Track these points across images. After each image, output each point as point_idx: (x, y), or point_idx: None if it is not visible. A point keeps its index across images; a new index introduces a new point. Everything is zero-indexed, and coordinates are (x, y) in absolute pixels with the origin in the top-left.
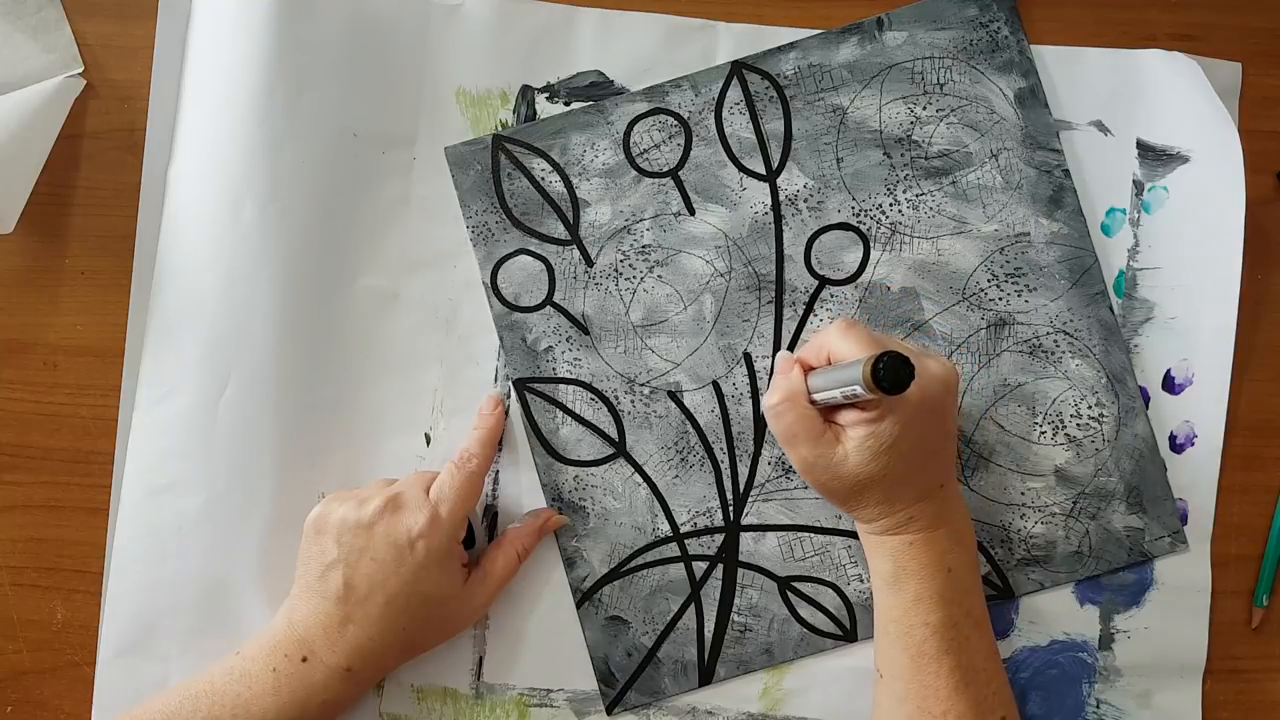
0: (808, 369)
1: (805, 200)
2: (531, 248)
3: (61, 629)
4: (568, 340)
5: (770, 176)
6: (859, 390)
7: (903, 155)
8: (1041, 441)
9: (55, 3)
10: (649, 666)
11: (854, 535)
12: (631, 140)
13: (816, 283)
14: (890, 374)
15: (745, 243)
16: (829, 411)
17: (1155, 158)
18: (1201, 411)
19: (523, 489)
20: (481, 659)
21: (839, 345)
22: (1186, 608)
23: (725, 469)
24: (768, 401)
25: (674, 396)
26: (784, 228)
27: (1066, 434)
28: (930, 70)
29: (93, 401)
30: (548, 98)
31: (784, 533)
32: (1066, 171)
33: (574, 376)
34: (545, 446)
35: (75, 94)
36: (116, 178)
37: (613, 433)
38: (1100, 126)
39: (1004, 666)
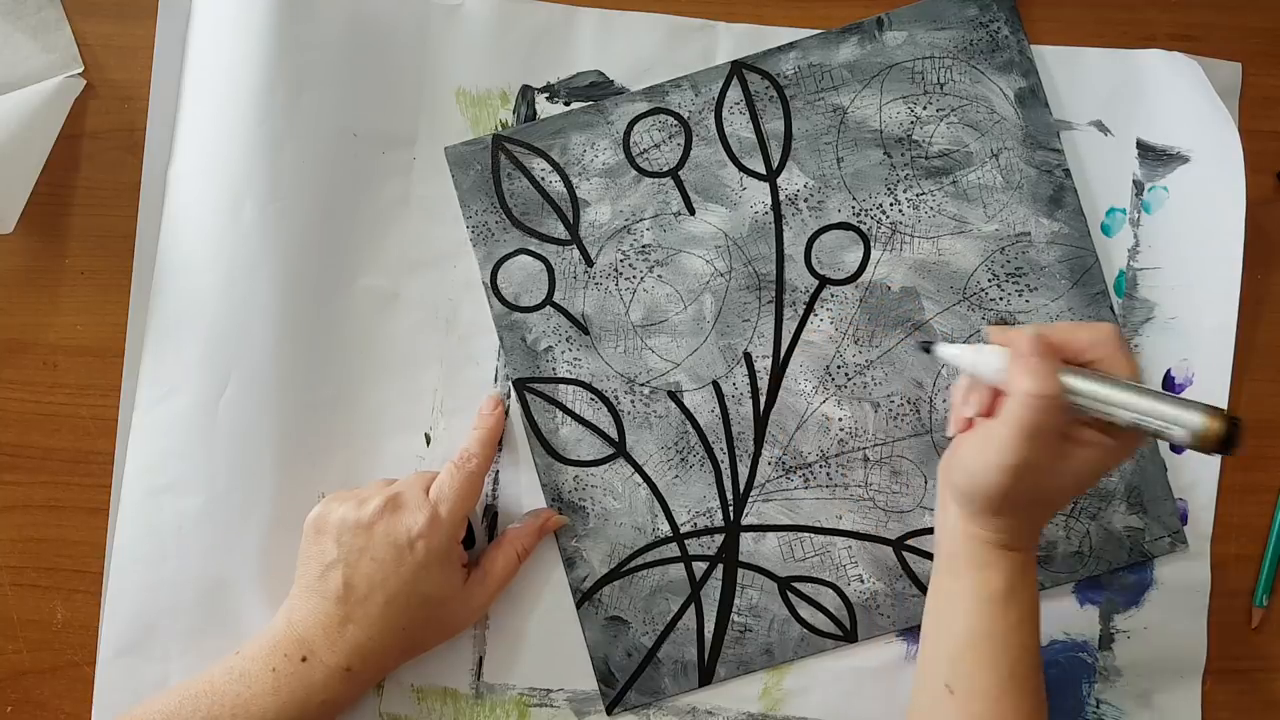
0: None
1: (805, 200)
2: (531, 248)
3: (61, 629)
4: (568, 340)
5: (770, 176)
6: (1164, 430)
7: (903, 155)
8: None
9: (55, 3)
10: (649, 666)
11: (854, 536)
12: (631, 140)
13: (817, 282)
14: (1234, 440)
15: (745, 242)
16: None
17: (1155, 158)
18: None
19: (523, 489)
20: (481, 659)
21: (1118, 365)
22: (1186, 608)
23: (725, 469)
24: (1035, 384)
25: (674, 396)
26: (784, 227)
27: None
28: (930, 70)
29: (93, 401)
30: (548, 98)
31: (784, 533)
32: (1067, 171)
33: (574, 376)
34: (545, 446)
35: (75, 94)
36: (116, 178)
37: (613, 433)
38: (1100, 126)
39: None
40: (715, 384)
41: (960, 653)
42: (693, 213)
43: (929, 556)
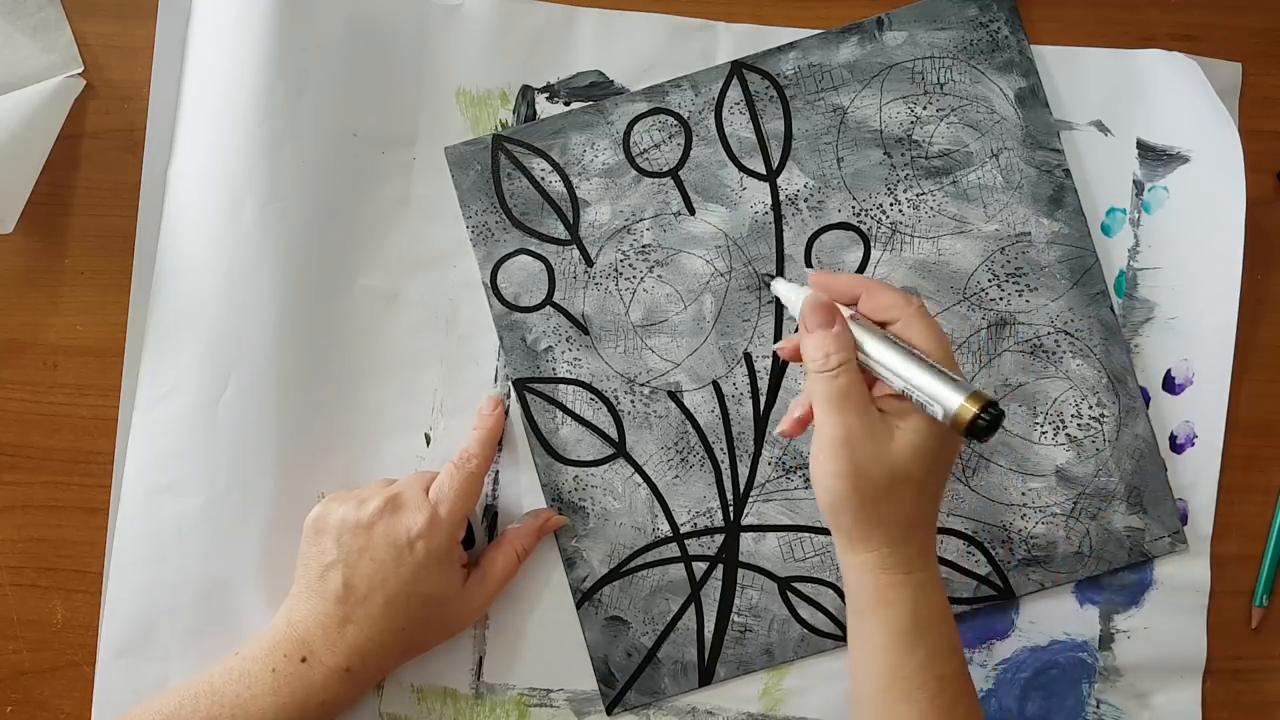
0: (841, 314)
1: (805, 200)
2: (531, 248)
3: (61, 629)
4: (567, 340)
5: (770, 176)
6: (927, 404)
7: (903, 155)
8: (1042, 442)
9: (55, 3)
10: (649, 666)
11: None
12: (631, 140)
13: None
14: (992, 427)
15: (745, 242)
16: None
17: (1155, 158)
18: (1201, 411)
19: (523, 489)
20: (481, 659)
21: (910, 331)
22: (1186, 608)
23: (725, 469)
24: (820, 353)
25: (674, 396)
26: (784, 227)
27: (1067, 434)
28: (930, 70)
29: (93, 401)
30: (548, 98)
31: (784, 533)
32: (1067, 171)
33: (574, 376)
34: (545, 446)
35: (75, 94)
36: (116, 178)
37: (613, 433)
38: (1100, 126)
39: None
40: (715, 384)
41: (879, 694)
42: (693, 213)
43: None
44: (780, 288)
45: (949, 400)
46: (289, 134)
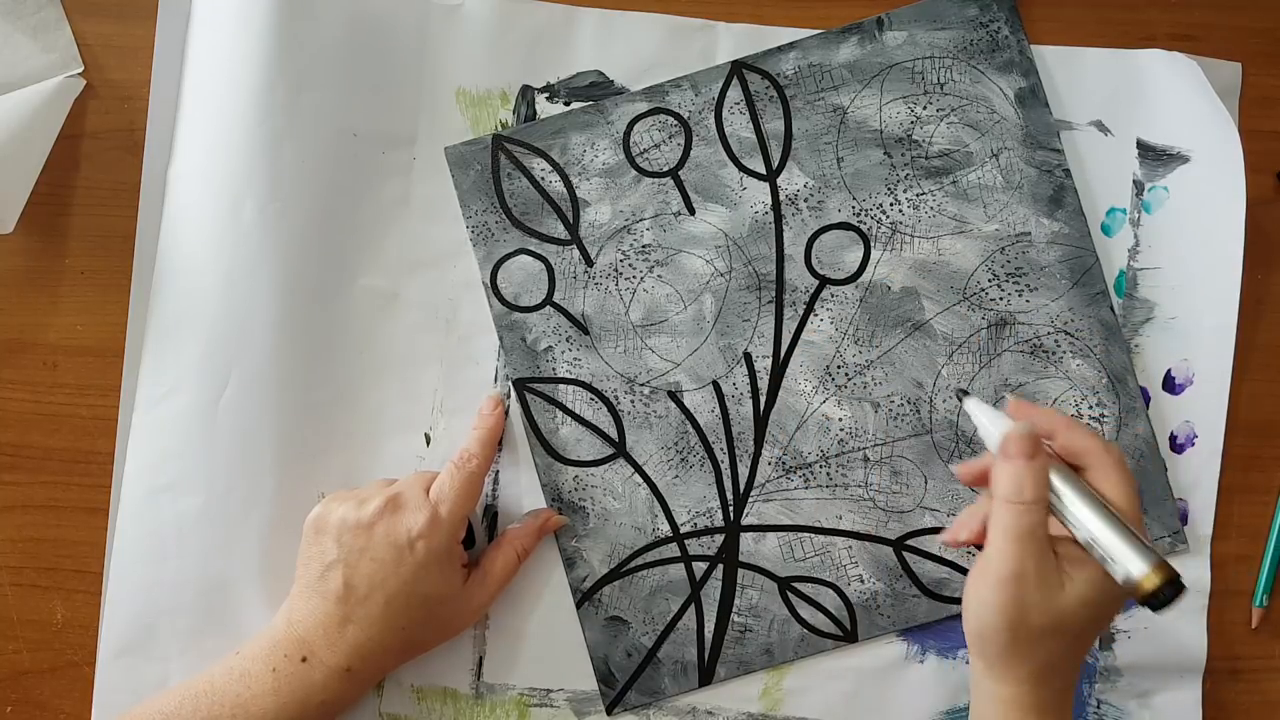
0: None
1: (805, 200)
2: (531, 248)
3: (61, 629)
4: (568, 340)
5: (770, 176)
6: (1108, 562)
7: (903, 155)
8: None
9: (55, 3)
10: (649, 666)
11: (854, 536)
12: (631, 140)
13: (817, 282)
14: (1167, 602)
15: (745, 242)
16: None
17: (1155, 158)
18: (1201, 411)
19: (523, 489)
20: (481, 659)
21: (1104, 482)
22: (1186, 608)
23: (725, 469)
24: (1015, 484)
25: (674, 396)
26: (784, 227)
27: None
28: (930, 70)
29: (93, 401)
30: (548, 98)
31: (784, 533)
32: (1067, 171)
33: (574, 376)
34: (545, 446)
35: (75, 94)
36: (116, 178)
37: (613, 433)
38: (1100, 126)
39: None
40: (715, 384)
41: None
42: (693, 213)
43: (929, 557)
44: (974, 409)
45: (1133, 566)
46: (289, 134)
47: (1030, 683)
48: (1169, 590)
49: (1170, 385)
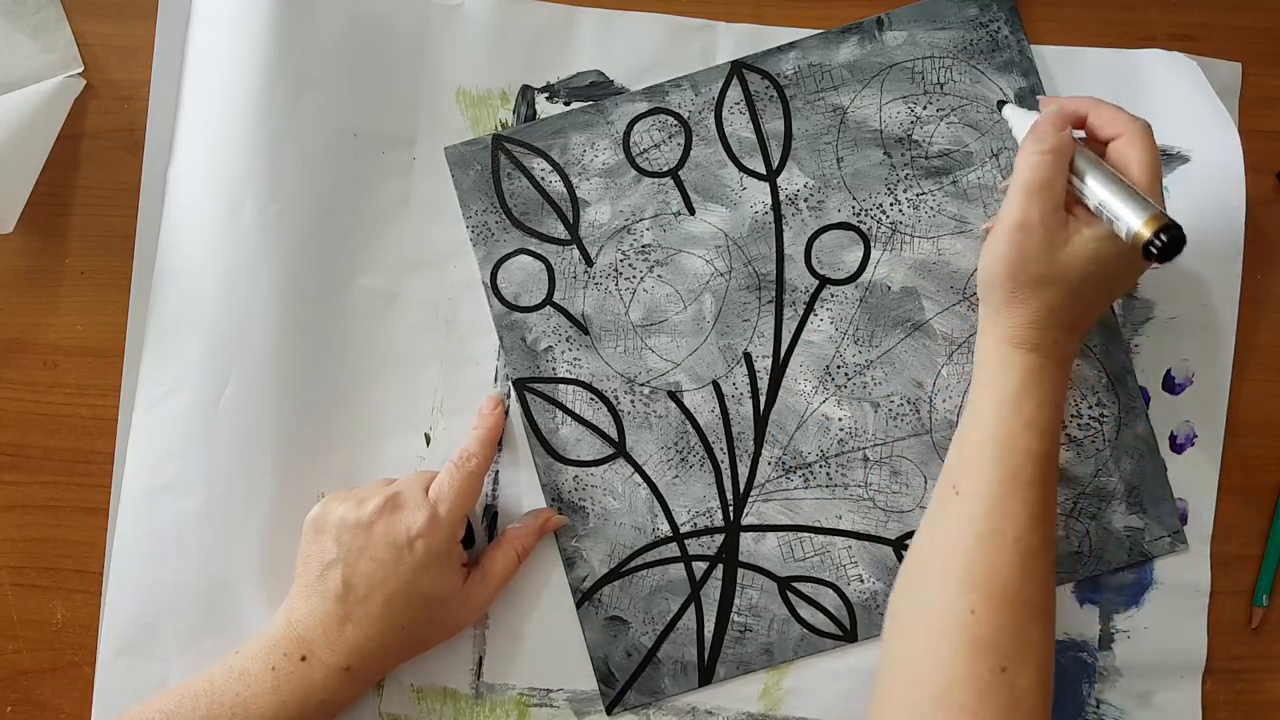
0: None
1: (805, 200)
2: (531, 247)
3: (61, 629)
4: (567, 340)
5: (770, 176)
6: (1114, 221)
7: (903, 155)
8: None
9: (55, 3)
10: (649, 666)
11: (854, 536)
12: (631, 140)
13: (817, 282)
14: (1167, 250)
15: (745, 242)
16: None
17: None
18: (1201, 411)
19: (523, 489)
20: (481, 659)
21: (1127, 153)
22: (1186, 608)
23: (725, 469)
24: (1039, 140)
25: (674, 396)
26: (784, 227)
27: (1067, 434)
28: (930, 70)
29: (93, 401)
30: (548, 98)
31: (784, 533)
32: None
33: (574, 376)
34: (545, 446)
35: (75, 94)
36: (116, 178)
37: (613, 433)
38: None
39: None
40: (715, 384)
41: (969, 455)
42: (693, 213)
43: None
44: (1009, 112)
45: (1134, 219)
46: (289, 134)
47: (1026, 324)
48: (1167, 237)
49: (1170, 385)
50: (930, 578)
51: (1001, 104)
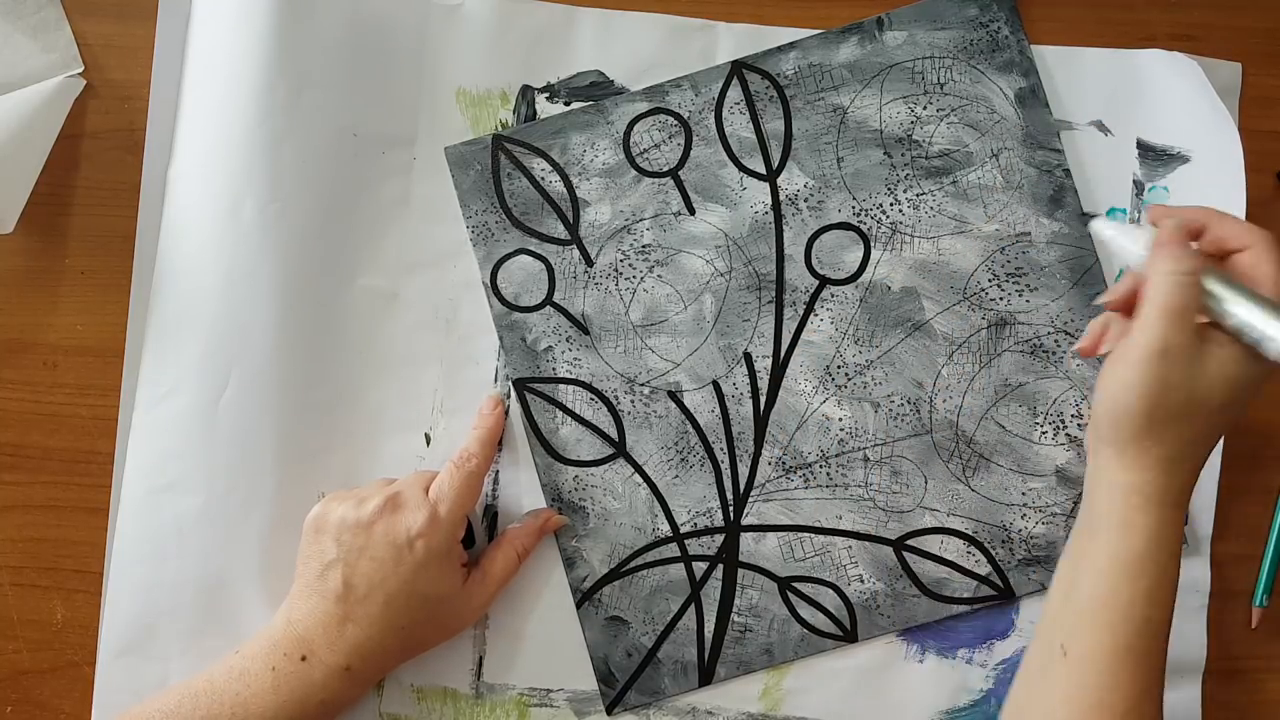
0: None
1: (805, 200)
2: (531, 247)
3: (61, 629)
4: (568, 340)
5: (770, 176)
6: (1268, 342)
7: (903, 155)
8: (1042, 442)
9: (55, 3)
10: (649, 666)
11: (854, 536)
12: (631, 140)
13: (817, 282)
14: None
15: (745, 242)
16: None
17: (1155, 158)
18: None
19: (523, 489)
20: (481, 659)
21: (1258, 266)
22: (1186, 608)
23: (725, 469)
24: (1172, 259)
25: (674, 396)
26: (784, 227)
27: (1067, 434)
28: (930, 70)
29: (93, 401)
30: (548, 98)
31: (784, 533)
32: (1067, 171)
33: (574, 376)
34: (545, 446)
35: (75, 94)
36: (116, 178)
37: (613, 433)
38: (1100, 126)
39: None
40: (715, 384)
41: (1080, 616)
42: (693, 213)
43: (929, 557)
44: (1102, 227)
45: (1276, 336)
46: (289, 133)
47: (1157, 469)
48: None
49: None
50: None
51: (1087, 216)
